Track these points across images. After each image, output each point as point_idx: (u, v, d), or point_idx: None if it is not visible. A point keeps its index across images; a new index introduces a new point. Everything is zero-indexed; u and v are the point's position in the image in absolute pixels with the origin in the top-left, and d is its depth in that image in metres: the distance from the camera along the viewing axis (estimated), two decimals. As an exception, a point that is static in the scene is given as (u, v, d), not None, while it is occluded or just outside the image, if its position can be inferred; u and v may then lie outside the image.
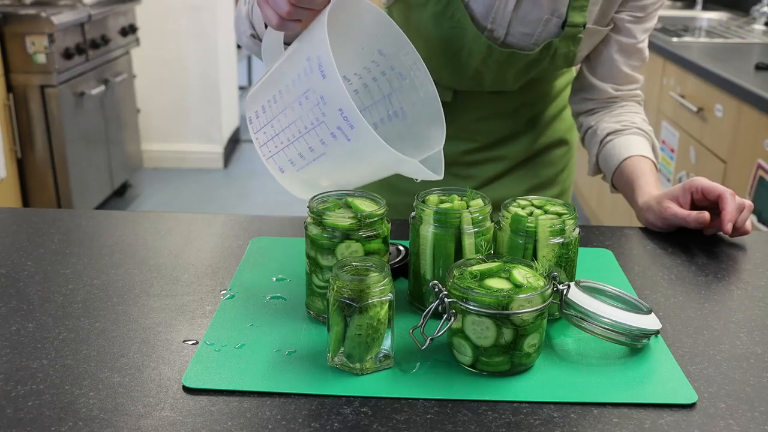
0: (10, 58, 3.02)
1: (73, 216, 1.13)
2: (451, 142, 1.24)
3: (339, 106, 0.80)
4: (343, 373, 0.74)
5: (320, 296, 0.83)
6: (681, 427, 0.67)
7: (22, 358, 0.76)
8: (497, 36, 1.15)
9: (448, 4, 1.12)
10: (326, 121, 0.82)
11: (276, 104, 0.88)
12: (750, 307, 0.89)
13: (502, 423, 0.67)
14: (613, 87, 1.24)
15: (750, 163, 1.98)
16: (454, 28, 1.13)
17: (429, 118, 0.97)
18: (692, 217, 1.05)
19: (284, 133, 0.88)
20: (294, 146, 0.87)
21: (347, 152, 0.82)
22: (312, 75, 0.82)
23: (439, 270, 0.83)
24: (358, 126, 0.80)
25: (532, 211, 0.85)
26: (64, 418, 0.67)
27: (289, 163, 0.88)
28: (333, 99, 0.80)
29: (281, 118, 0.87)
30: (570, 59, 1.20)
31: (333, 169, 0.87)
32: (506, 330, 0.72)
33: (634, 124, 1.22)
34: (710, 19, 3.39)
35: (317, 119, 0.82)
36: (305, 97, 0.83)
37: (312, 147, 0.85)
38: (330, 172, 0.88)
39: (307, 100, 0.83)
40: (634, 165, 1.17)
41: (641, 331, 0.77)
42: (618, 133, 1.22)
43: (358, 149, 0.82)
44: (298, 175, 0.89)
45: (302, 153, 0.86)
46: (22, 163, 3.16)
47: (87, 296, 0.89)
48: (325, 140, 0.83)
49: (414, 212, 0.85)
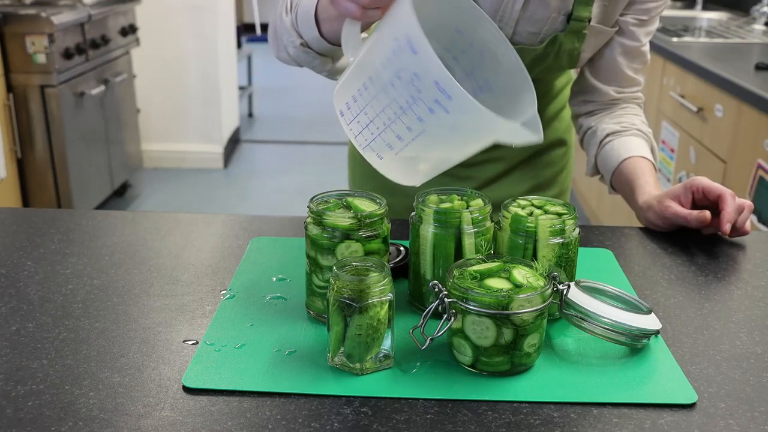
0: (10, 58, 3.02)
1: (73, 216, 1.13)
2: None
3: (434, 78, 0.79)
4: (343, 373, 0.74)
5: (320, 296, 0.83)
6: (681, 427, 0.67)
7: (22, 358, 0.76)
8: (505, 34, 1.14)
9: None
10: (422, 97, 0.81)
11: (367, 91, 0.87)
12: (750, 307, 0.89)
13: (502, 423, 0.67)
14: (616, 89, 1.24)
15: (750, 163, 1.98)
16: None
17: (516, 86, 0.96)
18: (693, 216, 1.05)
19: (380, 117, 0.87)
20: (391, 129, 0.85)
21: (447, 125, 0.81)
22: (402, 54, 0.81)
23: (439, 270, 0.83)
24: (456, 96, 0.78)
25: (532, 211, 0.85)
26: (64, 418, 0.67)
27: (387, 147, 0.87)
28: (427, 73, 0.79)
29: (374, 104, 0.86)
30: (574, 58, 1.20)
31: (432, 146, 0.86)
32: (506, 330, 0.72)
33: (633, 125, 1.23)
34: (710, 19, 3.39)
35: (413, 97, 0.81)
36: (398, 77, 0.82)
37: (410, 126, 0.83)
38: (430, 149, 0.87)
39: (400, 80, 0.82)
40: (634, 165, 1.18)
41: (641, 331, 0.77)
42: (617, 134, 1.22)
43: (458, 120, 0.80)
44: (397, 159, 0.88)
45: (400, 134, 0.85)
46: (22, 163, 3.16)
47: (87, 296, 0.89)
48: (422, 117, 0.82)
49: (414, 212, 0.85)
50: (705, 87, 2.29)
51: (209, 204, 3.85)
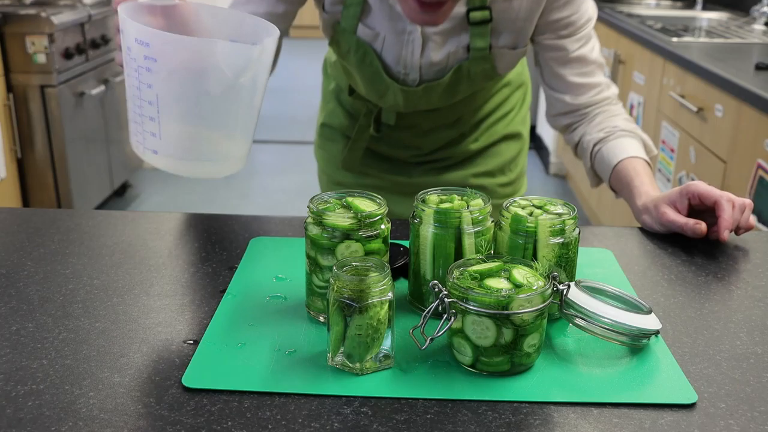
0: (10, 58, 3.02)
1: (73, 216, 1.13)
2: (396, 151, 1.38)
3: (134, 37, 0.83)
4: (343, 373, 0.74)
5: (320, 296, 0.83)
6: (681, 427, 0.67)
7: (22, 358, 0.76)
8: (413, 79, 1.23)
9: (365, 54, 1.22)
10: (139, 62, 0.84)
11: (128, 104, 0.90)
12: (750, 307, 0.89)
13: (502, 423, 0.67)
14: (571, 97, 1.25)
15: (750, 163, 1.98)
16: (374, 74, 1.23)
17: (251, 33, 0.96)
18: (689, 227, 1.05)
19: (135, 113, 0.89)
20: (144, 115, 0.87)
21: (165, 74, 0.84)
22: (124, 38, 0.85)
23: (439, 270, 0.83)
24: (152, 38, 0.82)
25: (532, 211, 0.85)
26: (64, 418, 0.67)
27: (152, 136, 0.88)
28: (129, 38, 0.83)
29: (130, 105, 0.89)
30: (490, 74, 1.23)
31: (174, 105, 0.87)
32: (506, 330, 0.72)
33: (616, 128, 1.23)
34: (710, 19, 3.39)
35: (136, 69, 0.84)
36: (127, 64, 0.87)
37: (150, 100, 0.86)
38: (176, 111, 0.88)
39: (127, 65, 0.86)
40: (626, 168, 1.18)
41: (641, 331, 0.77)
42: (603, 141, 1.23)
43: (168, 60, 0.83)
44: (166, 145, 0.89)
45: (150, 115, 0.86)
46: (22, 163, 3.15)
47: (87, 296, 0.89)
48: (149, 82, 0.84)
49: (414, 212, 0.85)
50: (705, 87, 2.29)
51: (209, 204, 3.85)
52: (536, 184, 4.03)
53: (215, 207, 3.81)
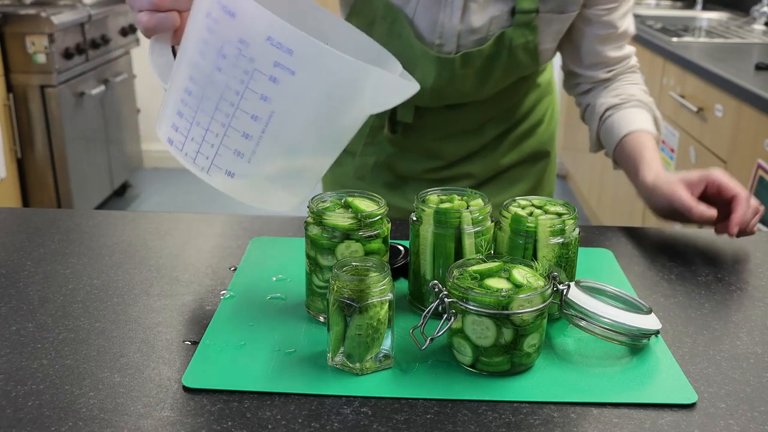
0: (10, 58, 3.02)
1: (73, 216, 1.13)
2: (413, 159, 1.24)
3: (265, 34, 0.65)
4: (343, 373, 0.74)
5: (320, 296, 0.83)
6: (681, 427, 0.67)
7: (22, 358, 0.76)
8: (448, 51, 1.11)
9: (393, 22, 1.08)
10: (258, 67, 0.66)
11: (192, 95, 0.71)
12: (750, 307, 0.89)
13: (502, 423, 0.67)
14: (605, 71, 1.19)
15: (750, 163, 1.98)
16: (404, 47, 1.09)
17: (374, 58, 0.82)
18: (698, 211, 0.99)
19: (215, 120, 0.70)
20: (233, 128, 0.69)
21: (298, 93, 0.67)
22: (219, 26, 0.67)
23: (439, 270, 0.83)
24: (298, 45, 0.64)
25: (532, 211, 0.85)
26: (64, 418, 0.67)
27: (236, 156, 0.71)
28: (255, 32, 0.65)
29: (205, 106, 0.70)
30: (531, 52, 1.13)
31: (291, 133, 0.70)
32: (506, 330, 0.72)
33: (633, 96, 1.16)
34: (710, 19, 3.39)
35: (246, 72, 0.67)
36: (222, 57, 0.67)
37: (255, 114, 0.68)
38: (289, 141, 0.71)
39: (226, 59, 0.67)
40: (636, 140, 1.11)
41: (641, 331, 0.77)
42: (617, 107, 1.16)
43: (309, 80, 0.66)
44: (252, 170, 0.72)
45: (246, 131, 0.69)
46: (22, 163, 3.16)
47: (87, 296, 0.89)
48: (266, 93, 0.67)
49: (414, 212, 0.85)
50: (705, 87, 2.29)
51: (209, 204, 3.85)
52: (536, 184, 4.02)
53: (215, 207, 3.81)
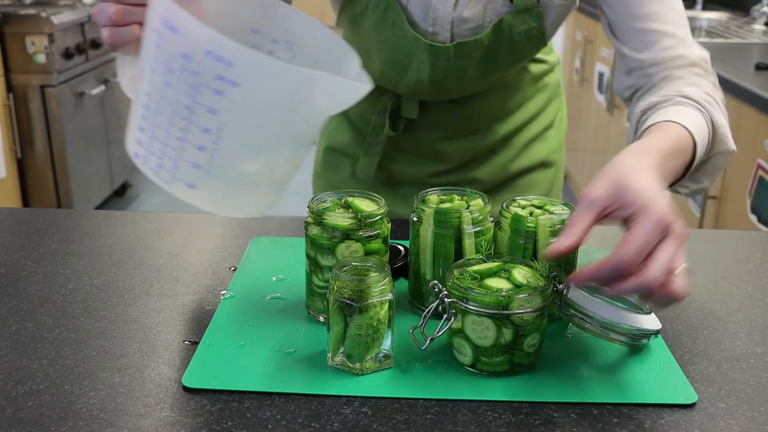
0: (10, 58, 3.02)
1: (73, 216, 1.13)
2: (418, 162, 1.19)
3: (204, 48, 0.65)
4: (343, 373, 0.74)
5: (320, 296, 0.83)
6: (681, 427, 0.67)
7: (22, 358, 0.76)
8: (442, 39, 1.05)
9: (386, 9, 1.03)
10: (203, 81, 0.67)
11: (149, 110, 0.72)
12: (750, 307, 0.89)
13: (502, 423, 0.67)
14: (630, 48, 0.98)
15: (750, 163, 1.98)
16: (397, 36, 1.04)
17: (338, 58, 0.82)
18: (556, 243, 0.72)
19: (170, 134, 0.71)
20: (188, 142, 0.71)
21: (245, 104, 0.68)
22: (164, 41, 0.68)
23: (439, 270, 0.83)
24: (238, 58, 0.65)
25: (532, 211, 0.85)
26: (64, 418, 0.67)
27: (194, 168, 0.72)
28: (195, 47, 0.66)
29: (160, 121, 0.71)
30: (536, 38, 1.04)
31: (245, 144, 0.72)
32: (506, 330, 0.72)
33: (678, 92, 0.91)
34: (710, 19, 3.38)
35: (192, 85, 0.67)
36: (170, 72, 0.68)
37: (206, 127, 0.69)
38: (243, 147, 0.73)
39: (173, 73, 0.68)
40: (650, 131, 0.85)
41: (641, 331, 0.77)
42: (656, 107, 0.92)
43: (254, 89, 0.67)
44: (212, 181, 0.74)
45: (200, 144, 0.70)
46: (22, 163, 3.16)
47: (87, 296, 0.89)
48: (214, 106, 0.68)
49: (414, 212, 0.85)
50: (705, 87, 2.29)
51: (209, 204, 3.84)
52: (536, 184, 4.02)
53: (215, 207, 3.81)
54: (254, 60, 0.66)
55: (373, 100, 1.14)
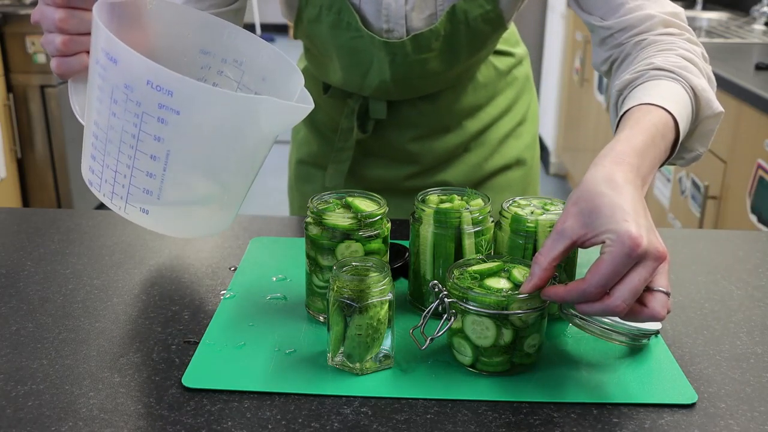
0: (10, 58, 3.02)
1: (73, 216, 1.13)
2: (391, 165, 1.17)
3: (145, 79, 0.67)
4: (343, 373, 0.74)
5: (320, 296, 0.83)
6: (681, 427, 0.67)
7: (22, 358, 0.76)
8: (399, 36, 1.03)
9: (339, 11, 1.02)
10: (146, 110, 0.68)
11: (98, 139, 0.74)
12: (750, 307, 0.89)
13: (502, 423, 0.67)
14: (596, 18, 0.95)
15: (750, 163, 1.98)
16: (354, 37, 1.04)
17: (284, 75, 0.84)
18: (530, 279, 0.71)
19: (120, 162, 0.73)
20: (138, 169, 0.73)
21: (188, 130, 0.70)
22: (107, 72, 0.70)
23: (439, 270, 0.83)
24: (177, 87, 0.67)
25: (532, 211, 0.85)
26: (64, 418, 0.67)
27: (146, 194, 0.74)
28: (135, 77, 0.68)
29: (110, 149, 0.73)
30: (494, 20, 1.02)
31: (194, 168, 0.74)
32: (506, 330, 0.72)
33: (650, 65, 0.86)
34: (710, 19, 3.39)
35: (137, 116, 0.69)
36: (114, 102, 0.70)
37: (153, 154, 0.71)
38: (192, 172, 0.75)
39: (117, 104, 0.70)
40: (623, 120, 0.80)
41: (641, 331, 0.77)
42: (630, 85, 0.86)
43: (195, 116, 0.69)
44: (164, 205, 0.75)
45: (149, 170, 0.72)
46: (22, 163, 3.16)
47: (87, 296, 0.89)
48: (158, 134, 0.70)
49: (414, 212, 0.85)
50: (705, 87, 2.29)
51: (209, 204, 3.85)
52: (536, 184, 4.03)
53: (215, 207, 3.81)
54: (193, 88, 0.68)
55: (339, 105, 1.14)
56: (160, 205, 0.75)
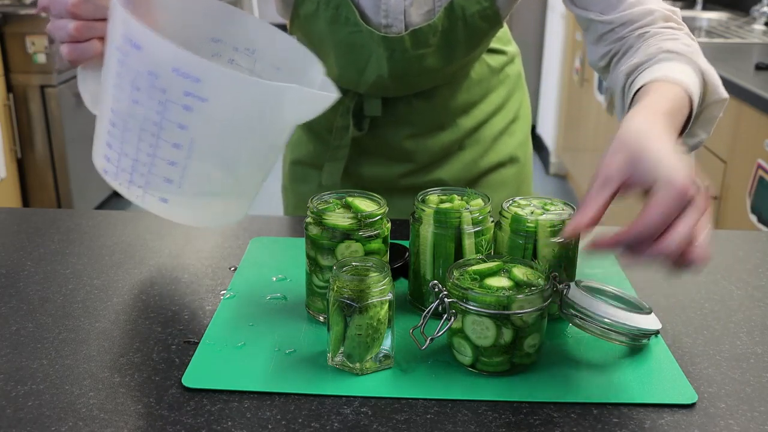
0: (10, 58, 3.02)
1: (73, 216, 1.13)
2: (386, 164, 1.18)
3: (171, 66, 0.66)
4: (343, 373, 0.74)
5: (320, 296, 0.83)
6: (681, 427, 0.67)
7: (22, 358, 0.76)
8: (397, 31, 1.04)
9: (338, 6, 1.02)
10: (171, 97, 0.67)
11: (116, 127, 0.73)
12: (750, 307, 0.89)
13: (502, 423, 0.67)
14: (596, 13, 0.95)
15: (750, 163, 1.98)
16: (352, 32, 1.03)
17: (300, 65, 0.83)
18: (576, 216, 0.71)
19: (140, 150, 0.72)
20: (159, 158, 0.72)
21: (214, 118, 0.69)
22: (128, 59, 0.68)
23: (439, 270, 0.83)
24: (205, 74, 0.66)
25: (532, 211, 0.85)
26: (64, 418, 0.67)
27: (166, 183, 0.73)
28: (161, 63, 0.66)
29: (128, 137, 0.72)
30: (491, 17, 1.03)
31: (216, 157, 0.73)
32: (506, 330, 0.72)
33: (660, 49, 0.87)
34: (710, 19, 3.39)
35: (161, 103, 0.68)
36: (137, 89, 0.68)
37: (176, 142, 0.70)
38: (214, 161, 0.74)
39: (140, 91, 0.68)
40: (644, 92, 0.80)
41: (641, 331, 0.77)
42: (641, 67, 0.87)
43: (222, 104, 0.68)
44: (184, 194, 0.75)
45: (171, 159, 0.71)
46: (22, 163, 3.16)
47: (87, 296, 0.89)
48: (183, 122, 0.68)
49: (414, 212, 0.85)
50: (705, 87, 2.29)
51: (209, 204, 3.84)
52: (536, 184, 4.04)
53: (215, 207, 3.81)
54: (222, 75, 0.67)
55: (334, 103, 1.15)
56: (180, 195, 0.74)
